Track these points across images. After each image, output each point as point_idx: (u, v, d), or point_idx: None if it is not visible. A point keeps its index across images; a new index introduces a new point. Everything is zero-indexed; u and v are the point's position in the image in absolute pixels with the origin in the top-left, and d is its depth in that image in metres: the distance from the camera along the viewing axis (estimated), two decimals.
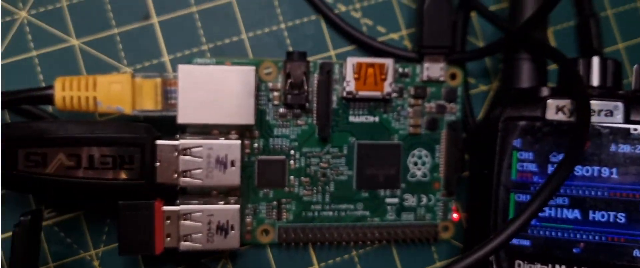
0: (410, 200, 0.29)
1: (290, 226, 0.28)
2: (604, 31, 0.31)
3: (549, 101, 0.25)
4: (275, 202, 0.28)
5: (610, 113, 0.25)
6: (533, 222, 0.25)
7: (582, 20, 0.31)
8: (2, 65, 0.28)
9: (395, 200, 0.29)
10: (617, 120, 0.25)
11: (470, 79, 0.31)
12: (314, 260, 0.29)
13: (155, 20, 0.29)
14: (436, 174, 0.29)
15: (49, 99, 0.25)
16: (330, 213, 0.29)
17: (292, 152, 0.28)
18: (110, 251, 0.28)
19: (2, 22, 0.28)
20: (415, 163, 0.29)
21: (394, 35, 0.30)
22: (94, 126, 0.25)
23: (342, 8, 0.30)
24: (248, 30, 0.29)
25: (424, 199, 0.29)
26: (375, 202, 0.29)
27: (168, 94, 0.26)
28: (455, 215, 0.30)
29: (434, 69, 0.29)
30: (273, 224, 0.28)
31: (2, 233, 0.27)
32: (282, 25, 0.30)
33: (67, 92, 0.25)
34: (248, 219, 0.28)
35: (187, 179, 0.25)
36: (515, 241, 0.26)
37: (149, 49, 0.29)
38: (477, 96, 0.31)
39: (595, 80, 0.26)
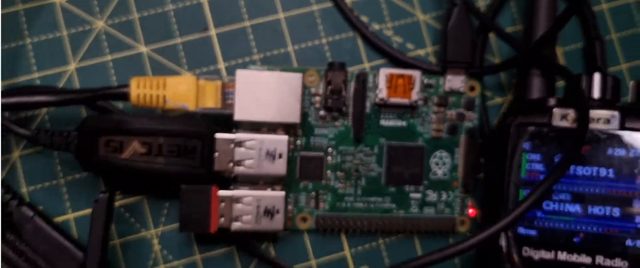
0: (432, 195, 0.33)
1: (326, 215, 0.32)
2: (608, 53, 0.35)
3: (555, 110, 0.29)
4: (313, 193, 0.32)
5: (607, 121, 0.28)
6: (539, 214, 0.29)
7: (588, 42, 0.34)
8: (81, 67, 0.32)
9: (419, 195, 0.33)
10: (613, 127, 0.28)
11: (487, 91, 0.34)
12: (345, 246, 0.33)
13: (213, 32, 0.33)
14: (455, 174, 0.33)
15: (125, 96, 0.29)
16: (361, 204, 0.33)
17: (329, 149, 0.32)
18: (169, 231, 0.32)
19: (82, 30, 0.33)
20: (437, 164, 0.33)
21: (421, 52, 0.34)
22: (164, 120, 0.29)
23: (376, 27, 0.34)
24: (294, 44, 0.34)
25: (444, 195, 0.33)
26: (400, 196, 0.33)
27: (226, 95, 0.30)
28: (471, 211, 0.33)
29: (455, 81, 0.33)
30: (311, 213, 0.32)
31: (74, 211, 0.32)
32: (323, 40, 0.34)
33: (141, 89, 0.29)
34: (289, 207, 0.32)
35: (241, 168, 0.29)
36: (523, 231, 0.29)
37: (207, 57, 0.33)
38: (492, 107, 0.34)
39: (596, 93, 0.30)
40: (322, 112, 0.32)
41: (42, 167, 0.32)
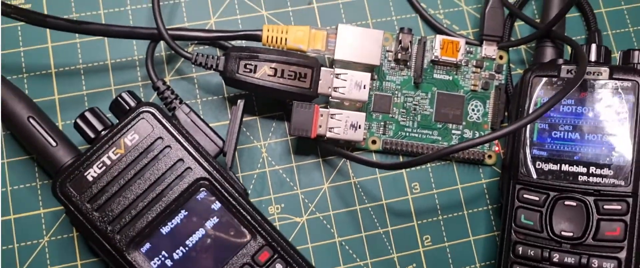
0: (468, 133, 0.45)
1: (390, 139, 0.44)
2: (604, 43, 0.47)
3: (563, 66, 0.41)
4: (382, 123, 0.44)
5: (600, 74, 0.40)
6: (548, 140, 0.40)
7: (590, 33, 0.46)
8: (218, 21, 0.45)
9: (458, 132, 0.44)
10: (604, 78, 0.40)
11: (511, 64, 0.46)
12: None
13: (315, 5, 0.46)
14: (486, 119, 0.45)
15: (257, 37, 0.41)
16: (416, 135, 0.44)
17: (396, 92, 0.44)
18: (274, 143, 0.44)
19: None
20: (473, 110, 0.45)
21: (463, 32, 0.47)
22: (286, 53, 0.41)
23: (432, 12, 0.47)
24: (373, 18, 0.46)
25: (477, 134, 0.45)
26: (445, 131, 0.44)
27: (329, 42, 0.42)
28: (496, 148, 0.45)
29: (489, 50, 0.45)
30: (380, 137, 0.44)
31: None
32: (394, 17, 0.46)
33: (269, 33, 0.41)
34: (364, 131, 0.43)
35: (336, 93, 0.41)
36: (536, 152, 0.41)
37: (310, 22, 0.45)
38: (515, 76, 0.46)
39: (593, 57, 0.41)
40: (392, 64, 0.44)
41: (185, 89, 0.44)
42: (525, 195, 0.40)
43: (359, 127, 0.41)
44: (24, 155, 0.42)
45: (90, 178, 0.37)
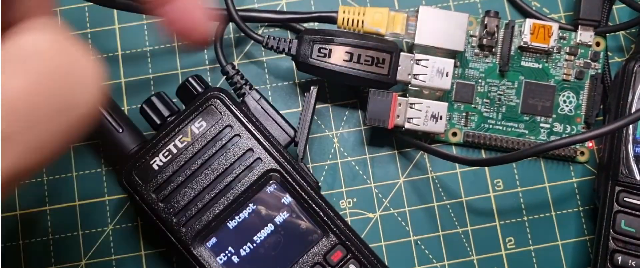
0: (558, 127, 0.41)
1: (472, 132, 0.40)
2: None
3: None
4: (464, 113, 0.40)
5: None
6: None
7: None
8: (290, 2, 0.42)
9: (547, 125, 0.41)
10: None
11: (609, 52, 0.42)
12: None
13: None
14: (579, 112, 0.41)
15: (333, 19, 0.39)
16: (500, 127, 0.41)
17: (479, 80, 0.40)
18: (346, 133, 0.41)
19: None
20: (564, 101, 0.41)
21: (554, 15, 0.43)
22: (363, 37, 0.38)
23: None
24: (454, 0, 0.42)
25: (568, 128, 0.41)
26: (533, 124, 0.41)
27: (408, 26, 0.39)
28: (590, 144, 0.41)
29: (585, 36, 0.41)
30: (461, 129, 0.40)
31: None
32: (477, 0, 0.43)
33: (345, 15, 0.38)
34: (445, 123, 0.40)
35: (417, 81, 0.38)
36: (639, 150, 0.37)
37: (388, 4, 0.42)
38: (613, 64, 0.42)
39: None
40: (476, 50, 0.41)
41: (253, 74, 0.41)
42: (626, 199, 0.36)
43: (441, 118, 0.38)
44: (89, 141, 0.41)
45: (155, 167, 0.35)
